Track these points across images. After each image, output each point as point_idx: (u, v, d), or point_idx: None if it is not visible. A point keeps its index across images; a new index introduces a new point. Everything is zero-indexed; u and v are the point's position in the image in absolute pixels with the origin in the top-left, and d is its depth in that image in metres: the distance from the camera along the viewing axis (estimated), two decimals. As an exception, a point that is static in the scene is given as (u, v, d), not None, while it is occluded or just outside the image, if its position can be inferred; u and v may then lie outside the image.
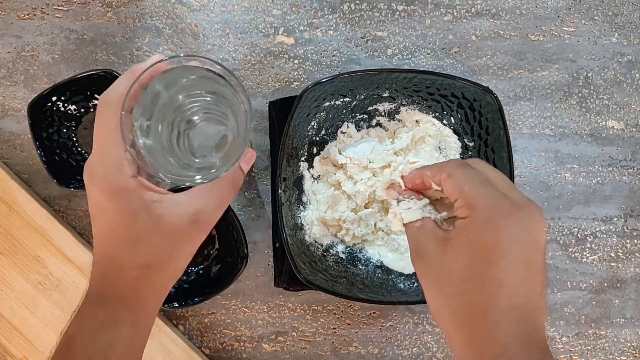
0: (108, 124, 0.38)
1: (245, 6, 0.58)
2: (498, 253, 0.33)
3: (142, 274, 0.39)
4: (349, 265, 0.55)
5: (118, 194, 0.38)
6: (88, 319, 0.39)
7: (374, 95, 0.54)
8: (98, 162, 0.39)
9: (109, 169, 0.38)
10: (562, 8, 0.59)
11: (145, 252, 0.39)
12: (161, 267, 0.39)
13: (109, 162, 0.38)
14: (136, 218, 0.38)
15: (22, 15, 0.58)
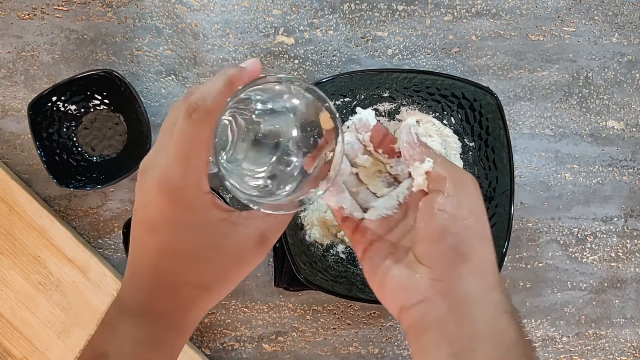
0: (200, 134, 0.34)
1: (246, 6, 0.58)
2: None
3: (197, 295, 0.36)
4: (349, 265, 0.55)
5: (194, 208, 0.35)
6: (126, 336, 0.35)
7: (374, 95, 0.54)
8: (177, 172, 0.34)
9: (189, 182, 0.34)
10: (562, 8, 0.59)
11: (207, 273, 0.36)
12: (218, 288, 0.37)
13: (191, 174, 0.34)
14: (204, 236, 0.35)
15: (23, 15, 0.58)
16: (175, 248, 0.35)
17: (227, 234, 0.36)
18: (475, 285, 0.35)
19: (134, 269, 0.36)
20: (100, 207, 0.58)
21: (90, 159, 0.57)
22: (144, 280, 0.36)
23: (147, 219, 0.35)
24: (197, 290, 0.36)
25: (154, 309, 0.36)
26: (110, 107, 0.57)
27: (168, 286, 0.36)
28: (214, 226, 0.35)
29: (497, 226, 0.53)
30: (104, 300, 0.56)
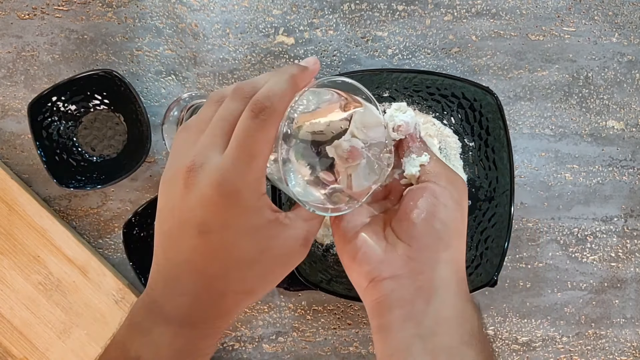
0: (265, 134, 0.33)
1: (246, 6, 0.58)
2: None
3: (241, 300, 0.35)
4: None
5: (249, 212, 0.33)
6: (164, 344, 0.34)
7: (374, 95, 0.54)
8: (239, 173, 0.32)
9: (250, 184, 0.33)
10: (562, 8, 0.59)
11: (253, 277, 0.35)
12: (259, 292, 0.36)
13: (252, 176, 0.33)
14: (257, 239, 0.34)
15: (23, 15, 0.58)
16: (227, 252, 0.33)
17: (276, 236, 0.34)
18: (448, 272, 0.36)
19: (174, 273, 0.34)
20: (100, 207, 0.58)
21: (90, 159, 0.57)
22: (188, 286, 0.34)
23: (197, 220, 0.33)
24: (242, 294, 0.35)
25: (197, 317, 0.34)
26: (110, 107, 0.57)
27: (215, 292, 0.34)
28: (265, 228, 0.34)
29: (497, 226, 0.53)
30: (104, 300, 0.56)
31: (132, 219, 0.54)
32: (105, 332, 0.56)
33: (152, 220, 0.56)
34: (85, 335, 0.56)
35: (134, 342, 0.34)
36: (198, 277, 0.34)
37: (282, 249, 0.35)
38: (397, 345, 0.35)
